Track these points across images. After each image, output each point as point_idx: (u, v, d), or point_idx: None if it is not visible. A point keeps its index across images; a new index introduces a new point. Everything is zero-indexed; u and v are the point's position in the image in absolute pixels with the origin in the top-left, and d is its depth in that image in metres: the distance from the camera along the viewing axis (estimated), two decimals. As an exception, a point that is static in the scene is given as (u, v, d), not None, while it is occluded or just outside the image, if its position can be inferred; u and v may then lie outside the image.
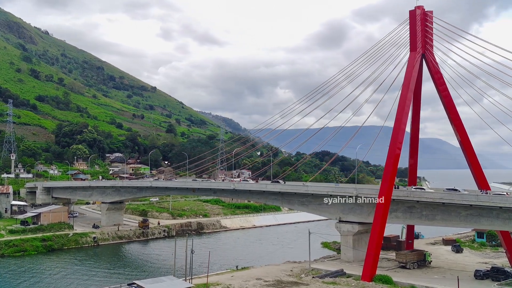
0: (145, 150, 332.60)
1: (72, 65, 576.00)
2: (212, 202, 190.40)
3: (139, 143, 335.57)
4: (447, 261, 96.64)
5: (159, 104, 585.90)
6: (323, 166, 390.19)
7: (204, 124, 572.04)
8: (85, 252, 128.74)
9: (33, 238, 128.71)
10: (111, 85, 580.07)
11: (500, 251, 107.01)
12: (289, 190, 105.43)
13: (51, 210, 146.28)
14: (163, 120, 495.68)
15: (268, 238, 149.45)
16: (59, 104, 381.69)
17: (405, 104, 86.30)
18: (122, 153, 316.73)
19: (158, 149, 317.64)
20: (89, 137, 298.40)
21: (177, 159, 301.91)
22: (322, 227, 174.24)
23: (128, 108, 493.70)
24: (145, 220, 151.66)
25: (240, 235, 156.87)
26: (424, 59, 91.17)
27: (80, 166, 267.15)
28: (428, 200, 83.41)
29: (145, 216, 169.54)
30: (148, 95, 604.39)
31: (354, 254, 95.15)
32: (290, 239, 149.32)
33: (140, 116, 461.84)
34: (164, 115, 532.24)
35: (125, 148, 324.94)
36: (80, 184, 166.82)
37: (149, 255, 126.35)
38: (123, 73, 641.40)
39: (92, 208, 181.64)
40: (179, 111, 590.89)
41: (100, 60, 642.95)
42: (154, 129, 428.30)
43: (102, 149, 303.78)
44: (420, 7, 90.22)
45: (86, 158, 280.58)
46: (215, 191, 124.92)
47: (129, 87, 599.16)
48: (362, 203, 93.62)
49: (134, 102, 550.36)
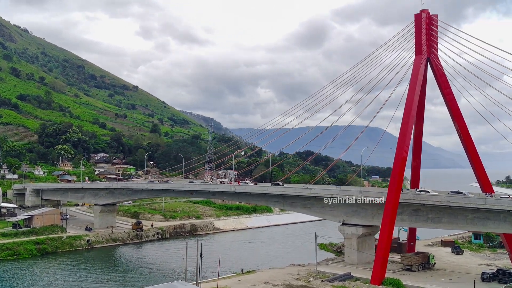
0: (130, 150, 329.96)
1: (53, 64, 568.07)
2: (203, 203, 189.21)
3: (123, 143, 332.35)
4: (450, 263, 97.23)
5: (141, 103, 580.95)
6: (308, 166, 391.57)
7: (187, 124, 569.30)
8: (79, 255, 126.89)
9: (27, 241, 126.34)
10: (92, 84, 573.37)
11: (499, 253, 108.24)
12: (291, 193, 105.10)
13: (43, 213, 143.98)
14: (146, 119, 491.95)
15: (263, 240, 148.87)
16: (41, 103, 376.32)
17: (411, 107, 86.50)
18: (107, 154, 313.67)
19: (143, 149, 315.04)
20: (74, 137, 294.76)
21: (163, 159, 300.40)
22: (315, 228, 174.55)
23: (111, 107, 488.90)
24: (138, 222, 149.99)
25: (234, 237, 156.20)
26: (429, 63, 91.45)
27: (66, 167, 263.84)
28: (435, 203, 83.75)
29: (137, 218, 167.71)
30: (130, 94, 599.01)
31: (358, 256, 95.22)
32: (286, 240, 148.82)
33: (123, 116, 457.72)
34: (147, 115, 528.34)
35: (110, 148, 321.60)
36: (72, 185, 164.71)
37: (145, 258, 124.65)
38: (104, 72, 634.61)
39: (82, 210, 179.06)
40: (161, 111, 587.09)
41: (80, 59, 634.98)
42: (138, 129, 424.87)
43: (87, 150, 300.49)
44: (425, 11, 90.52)
45: (71, 158, 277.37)
46: (213, 193, 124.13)
47: (111, 86, 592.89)
48: (367, 206, 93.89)
49: (116, 101, 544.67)
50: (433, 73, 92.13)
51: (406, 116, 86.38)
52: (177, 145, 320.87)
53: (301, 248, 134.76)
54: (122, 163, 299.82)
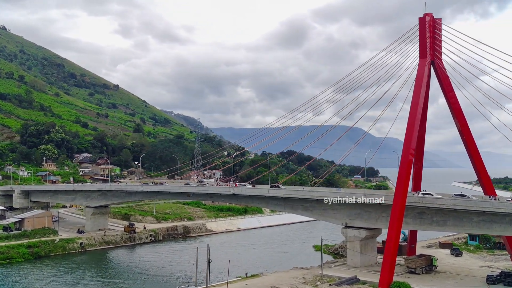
0: (114, 150, 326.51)
1: (32, 62, 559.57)
2: (193, 204, 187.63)
3: (107, 143, 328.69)
4: (451, 266, 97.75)
5: (122, 102, 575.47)
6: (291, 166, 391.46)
7: (169, 123, 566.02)
8: (72, 258, 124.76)
9: (19, 245, 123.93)
10: (73, 83, 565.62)
11: (497, 254, 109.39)
12: (292, 196, 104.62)
13: (34, 215, 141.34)
14: (128, 119, 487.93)
15: (257, 242, 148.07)
16: (22, 102, 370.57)
17: (416, 111, 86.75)
18: (90, 154, 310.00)
19: (128, 149, 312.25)
20: (57, 137, 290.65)
21: (149, 160, 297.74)
22: (306, 229, 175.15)
23: (92, 106, 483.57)
24: (131, 225, 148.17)
25: (227, 239, 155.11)
26: (433, 66, 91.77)
27: (50, 167, 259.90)
28: (440, 206, 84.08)
29: (128, 220, 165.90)
30: (111, 93, 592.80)
31: (361, 259, 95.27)
32: (280, 242, 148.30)
33: (104, 115, 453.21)
34: (128, 114, 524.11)
35: (93, 148, 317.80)
36: (63, 187, 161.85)
37: (141, 261, 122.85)
38: (84, 71, 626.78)
39: (71, 211, 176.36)
40: (142, 110, 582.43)
41: (60, 57, 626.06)
42: (120, 129, 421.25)
43: (70, 150, 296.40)
44: (429, 14, 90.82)
45: (55, 158, 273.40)
46: (211, 195, 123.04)
47: (91, 85, 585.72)
48: (370, 209, 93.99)
49: (96, 100, 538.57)
50: (437, 76, 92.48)
51: (411, 119, 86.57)
52: (162, 145, 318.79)
53: (297, 250, 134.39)
54: (106, 163, 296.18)
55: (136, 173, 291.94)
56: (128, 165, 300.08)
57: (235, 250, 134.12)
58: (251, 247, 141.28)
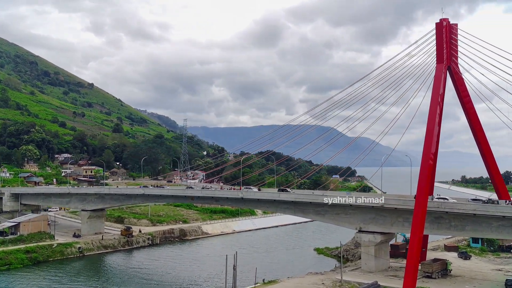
0: (94, 150, 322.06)
1: (4, 60, 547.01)
2: (184, 206, 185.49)
3: (87, 144, 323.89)
4: (463, 269, 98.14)
5: (97, 101, 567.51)
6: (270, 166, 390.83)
7: (145, 123, 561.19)
8: (72, 264, 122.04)
9: (16, 250, 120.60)
10: (46, 81, 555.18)
11: (503, 257, 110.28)
12: (304, 200, 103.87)
13: (30, 219, 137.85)
14: (104, 118, 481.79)
15: (256, 245, 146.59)
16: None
17: (435, 116, 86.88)
18: (71, 154, 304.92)
19: (110, 149, 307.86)
20: (38, 137, 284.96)
21: (132, 160, 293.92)
22: (300, 230, 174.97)
23: (67, 105, 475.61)
24: (128, 228, 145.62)
25: (224, 241, 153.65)
26: (449, 71, 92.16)
27: (31, 168, 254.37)
28: (460, 211, 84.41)
29: (122, 222, 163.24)
30: (85, 91, 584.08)
31: (376, 263, 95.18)
32: (278, 245, 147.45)
33: (81, 114, 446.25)
34: (104, 113, 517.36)
35: (74, 148, 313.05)
36: (57, 190, 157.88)
37: (143, 267, 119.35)
38: (58, 69, 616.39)
39: (61, 214, 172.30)
40: (118, 109, 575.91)
41: (33, 55, 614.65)
42: (97, 128, 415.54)
43: (51, 150, 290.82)
44: (445, 20, 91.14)
45: (37, 159, 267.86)
46: (217, 199, 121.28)
47: (65, 83, 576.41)
48: (385, 213, 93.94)
49: (71, 99, 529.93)
50: (453, 82, 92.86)
51: (430, 124, 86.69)
52: (146, 146, 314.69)
53: (299, 254, 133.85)
54: (88, 164, 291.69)
55: (118, 174, 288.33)
56: (110, 166, 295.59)
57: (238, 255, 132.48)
58: (252, 251, 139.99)
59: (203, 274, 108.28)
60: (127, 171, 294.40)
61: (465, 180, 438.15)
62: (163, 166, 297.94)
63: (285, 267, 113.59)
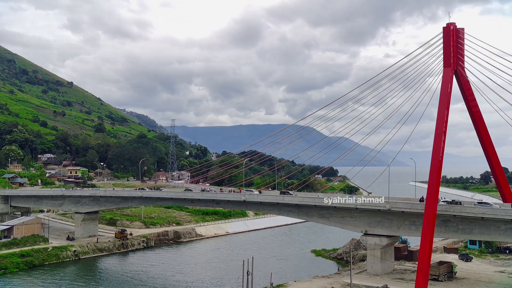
0: (77, 150, 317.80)
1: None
2: (176, 208, 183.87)
3: (70, 144, 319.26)
4: (467, 272, 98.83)
5: (77, 100, 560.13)
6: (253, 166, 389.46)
7: (126, 122, 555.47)
8: (68, 267, 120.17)
9: (11, 254, 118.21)
10: (25, 80, 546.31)
11: (502, 258, 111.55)
12: (308, 203, 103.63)
13: (24, 222, 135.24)
14: (85, 117, 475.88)
15: (252, 247, 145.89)
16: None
17: (443, 119, 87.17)
18: (54, 154, 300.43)
19: (94, 150, 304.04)
20: (20, 137, 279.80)
21: (117, 161, 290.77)
22: (293, 232, 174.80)
23: (47, 104, 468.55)
24: (123, 231, 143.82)
25: (218, 243, 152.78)
26: (456, 75, 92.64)
27: (15, 169, 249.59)
28: (469, 214, 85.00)
29: (114, 225, 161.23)
30: (65, 90, 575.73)
31: (382, 266, 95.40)
32: (276, 247, 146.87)
33: (61, 114, 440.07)
34: (84, 112, 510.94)
35: (57, 148, 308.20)
36: (50, 192, 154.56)
37: (143, 270, 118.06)
38: (36, 67, 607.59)
39: (51, 217, 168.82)
40: (98, 108, 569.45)
41: (10, 53, 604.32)
42: (79, 127, 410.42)
43: (34, 150, 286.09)
44: (452, 24, 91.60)
45: (20, 160, 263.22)
46: (218, 202, 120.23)
47: (44, 82, 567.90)
48: (392, 216, 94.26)
49: (50, 98, 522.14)
50: (459, 86, 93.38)
51: (438, 128, 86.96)
52: (131, 146, 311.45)
53: (297, 256, 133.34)
54: (72, 164, 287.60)
55: (103, 174, 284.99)
56: (94, 166, 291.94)
57: (235, 257, 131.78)
58: (249, 253, 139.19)
59: (208, 278, 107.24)
60: (111, 172, 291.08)
61: (446, 180, 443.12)
62: (148, 167, 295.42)
63: (286, 270, 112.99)
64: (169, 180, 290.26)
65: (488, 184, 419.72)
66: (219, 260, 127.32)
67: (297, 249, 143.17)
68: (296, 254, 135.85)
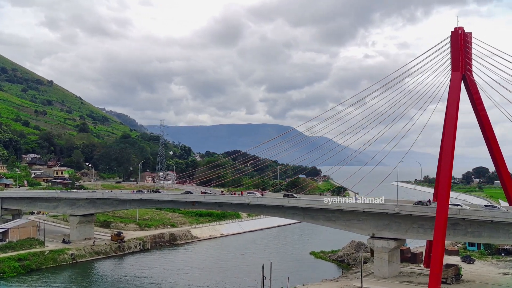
0: (62, 150, 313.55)
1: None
2: (168, 209, 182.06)
3: (55, 144, 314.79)
4: (471, 274, 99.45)
5: (57, 99, 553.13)
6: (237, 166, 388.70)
7: (107, 121, 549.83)
8: (66, 271, 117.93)
9: (8, 258, 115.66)
10: (4, 78, 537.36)
11: (503, 260, 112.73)
12: (314, 206, 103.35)
13: (19, 226, 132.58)
14: (66, 116, 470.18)
15: (250, 250, 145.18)
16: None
17: (453, 124, 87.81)
18: (38, 154, 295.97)
19: (79, 150, 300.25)
20: (4, 137, 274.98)
21: (104, 161, 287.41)
22: (287, 233, 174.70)
23: (28, 103, 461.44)
24: (119, 233, 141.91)
25: (214, 245, 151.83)
26: (464, 79, 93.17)
27: (0, 169, 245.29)
28: (479, 218, 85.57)
29: (108, 227, 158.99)
30: (45, 89, 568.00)
31: (389, 269, 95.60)
32: (273, 249, 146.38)
33: (42, 113, 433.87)
34: (65, 111, 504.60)
35: (41, 148, 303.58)
36: (44, 194, 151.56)
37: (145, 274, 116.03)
38: (16, 65, 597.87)
39: (43, 219, 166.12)
40: (79, 107, 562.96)
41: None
42: (61, 127, 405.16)
43: (19, 150, 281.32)
44: (460, 28, 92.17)
45: (5, 160, 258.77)
46: (221, 205, 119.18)
47: (23, 81, 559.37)
48: (400, 219, 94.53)
49: (30, 96, 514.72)
50: (467, 90, 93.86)
51: (448, 132, 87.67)
52: (118, 146, 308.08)
53: (296, 258, 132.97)
54: (57, 164, 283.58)
55: (89, 175, 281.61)
56: (80, 167, 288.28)
57: (234, 259, 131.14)
58: (248, 256, 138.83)
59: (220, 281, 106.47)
60: (98, 172, 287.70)
61: (428, 180, 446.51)
62: (135, 167, 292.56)
63: (289, 273, 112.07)
64: (156, 181, 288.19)
65: (470, 184, 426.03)
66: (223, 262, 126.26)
67: (295, 251, 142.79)
68: (295, 256, 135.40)
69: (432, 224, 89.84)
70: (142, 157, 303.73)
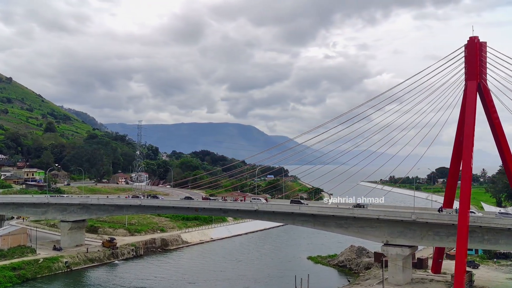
0: (29, 151, 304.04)
1: None
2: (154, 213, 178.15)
3: (22, 144, 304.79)
4: (480, 280, 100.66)
5: (17, 97, 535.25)
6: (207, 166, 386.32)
7: (69, 120, 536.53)
8: (61, 280, 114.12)
9: (2, 267, 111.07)
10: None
11: (505, 264, 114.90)
12: (327, 213, 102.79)
13: (10, 233, 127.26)
14: (28, 115, 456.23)
15: (243, 255, 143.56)
16: None
17: (470, 133, 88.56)
18: (5, 155, 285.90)
19: (48, 150, 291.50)
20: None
21: (76, 162, 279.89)
22: (277, 236, 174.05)
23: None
24: (112, 239, 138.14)
25: (206, 250, 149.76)
26: (479, 88, 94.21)
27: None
28: (497, 226, 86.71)
29: (96, 232, 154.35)
30: (3, 86, 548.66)
31: (403, 276, 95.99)
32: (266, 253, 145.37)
33: (4, 111, 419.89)
34: (25, 110, 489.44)
35: (8, 149, 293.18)
36: (33, 200, 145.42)
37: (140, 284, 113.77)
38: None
39: (25, 224, 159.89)
40: (39, 105, 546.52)
41: None
42: (24, 126, 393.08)
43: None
44: (475, 37, 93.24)
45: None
46: (226, 211, 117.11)
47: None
48: (415, 227, 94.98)
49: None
50: (481, 98, 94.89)
51: (466, 142, 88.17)
52: (91, 147, 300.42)
53: (294, 263, 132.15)
54: (26, 166, 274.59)
55: (59, 176, 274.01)
56: (50, 168, 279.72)
57: (232, 266, 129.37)
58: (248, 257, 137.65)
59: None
60: (68, 174, 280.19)
61: (394, 180, 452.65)
62: (107, 168, 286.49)
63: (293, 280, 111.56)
64: (130, 182, 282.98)
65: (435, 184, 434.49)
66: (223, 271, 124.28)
67: (291, 256, 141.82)
68: (293, 261, 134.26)
69: (449, 231, 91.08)
70: (114, 158, 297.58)
